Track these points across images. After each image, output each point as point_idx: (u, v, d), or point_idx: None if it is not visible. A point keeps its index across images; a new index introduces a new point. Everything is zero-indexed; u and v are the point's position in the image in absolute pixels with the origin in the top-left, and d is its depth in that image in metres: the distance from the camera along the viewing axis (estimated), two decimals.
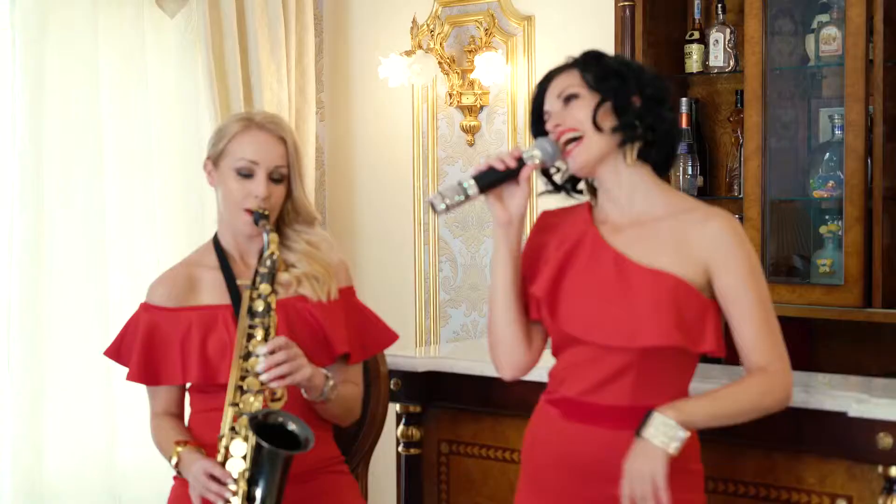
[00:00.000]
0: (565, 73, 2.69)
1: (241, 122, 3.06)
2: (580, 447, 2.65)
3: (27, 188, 4.44)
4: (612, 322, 2.59)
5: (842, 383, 3.17)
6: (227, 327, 2.98)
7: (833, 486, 2.93)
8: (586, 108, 2.63)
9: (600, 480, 2.63)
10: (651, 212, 2.67)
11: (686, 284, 2.58)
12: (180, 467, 2.91)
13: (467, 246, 5.33)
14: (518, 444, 3.44)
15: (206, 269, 3.08)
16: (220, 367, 2.96)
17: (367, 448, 3.38)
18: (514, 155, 2.64)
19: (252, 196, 2.97)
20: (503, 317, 2.71)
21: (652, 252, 2.62)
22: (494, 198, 2.65)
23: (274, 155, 3.01)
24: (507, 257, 2.68)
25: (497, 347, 2.75)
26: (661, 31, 4.51)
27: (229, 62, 5.08)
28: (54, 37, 4.56)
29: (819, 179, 4.18)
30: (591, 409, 2.64)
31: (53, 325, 4.54)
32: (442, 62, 5.22)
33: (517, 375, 2.78)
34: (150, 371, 3.02)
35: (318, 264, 3.07)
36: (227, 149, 3.02)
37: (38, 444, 4.48)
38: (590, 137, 2.62)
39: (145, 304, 3.07)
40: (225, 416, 2.83)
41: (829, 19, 4.16)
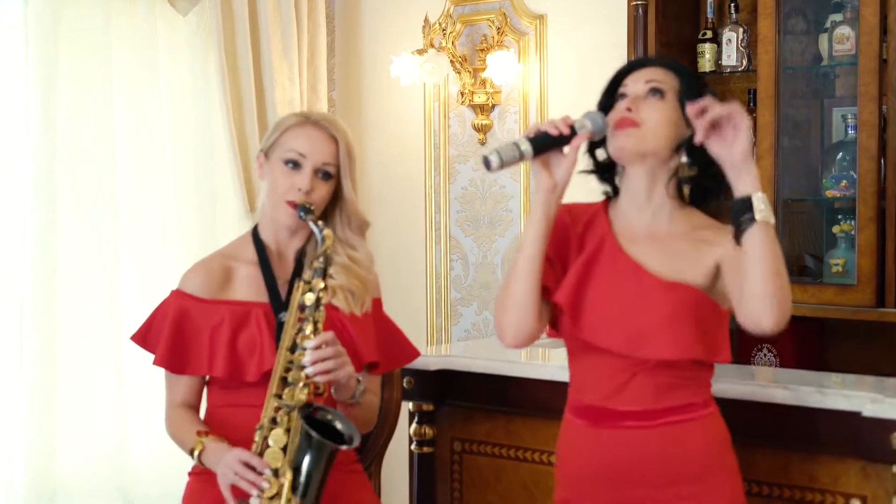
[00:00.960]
0: (663, 69, 2.68)
1: (297, 116, 3.07)
2: (610, 452, 2.64)
3: (40, 186, 4.44)
4: (630, 333, 2.59)
5: (855, 383, 3.16)
6: (258, 325, 2.95)
7: (847, 486, 2.93)
8: (666, 111, 2.62)
9: (633, 482, 2.62)
10: (669, 229, 2.67)
11: (703, 296, 2.58)
12: (204, 457, 2.87)
13: (479, 245, 5.33)
14: (531, 443, 3.46)
15: (243, 264, 3.05)
16: (248, 364, 2.93)
17: (381, 446, 3.37)
18: (567, 122, 2.61)
19: (295, 189, 2.95)
20: (524, 281, 2.65)
21: (670, 265, 2.61)
22: (541, 164, 2.62)
23: (324, 151, 3.00)
24: (541, 221, 2.63)
25: (509, 310, 2.67)
26: (674, 30, 4.50)
27: (241, 61, 5.09)
28: (67, 35, 4.56)
29: (832, 179, 4.17)
30: (614, 413, 2.63)
31: (66, 323, 4.54)
32: (454, 61, 5.22)
33: (519, 343, 2.69)
34: (177, 358, 2.97)
35: (356, 279, 3.05)
36: (280, 140, 3.02)
37: (51, 441, 4.48)
38: (648, 131, 2.61)
39: (178, 291, 3.03)
40: (267, 405, 2.80)
41: (842, 19, 4.15)
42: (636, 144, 2.62)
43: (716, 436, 2.66)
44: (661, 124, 2.61)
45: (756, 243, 2.41)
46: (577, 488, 2.72)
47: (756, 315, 2.43)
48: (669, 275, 2.60)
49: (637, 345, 2.58)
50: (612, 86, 2.73)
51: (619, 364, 2.62)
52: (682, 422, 2.62)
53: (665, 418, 2.61)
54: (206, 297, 2.99)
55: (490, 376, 3.50)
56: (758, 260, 2.41)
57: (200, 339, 2.97)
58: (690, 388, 2.63)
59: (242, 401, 2.94)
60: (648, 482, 2.61)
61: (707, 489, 2.61)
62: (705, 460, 2.61)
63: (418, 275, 5.51)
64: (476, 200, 5.32)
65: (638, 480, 2.62)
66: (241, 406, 2.93)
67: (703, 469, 2.62)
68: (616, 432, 2.63)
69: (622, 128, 2.61)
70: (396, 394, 3.39)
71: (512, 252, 5.20)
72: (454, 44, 5.25)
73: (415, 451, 3.67)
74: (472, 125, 5.28)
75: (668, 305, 2.56)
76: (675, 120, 2.62)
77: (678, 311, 2.56)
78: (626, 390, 2.62)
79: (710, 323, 2.59)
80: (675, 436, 2.61)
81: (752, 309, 2.43)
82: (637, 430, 2.62)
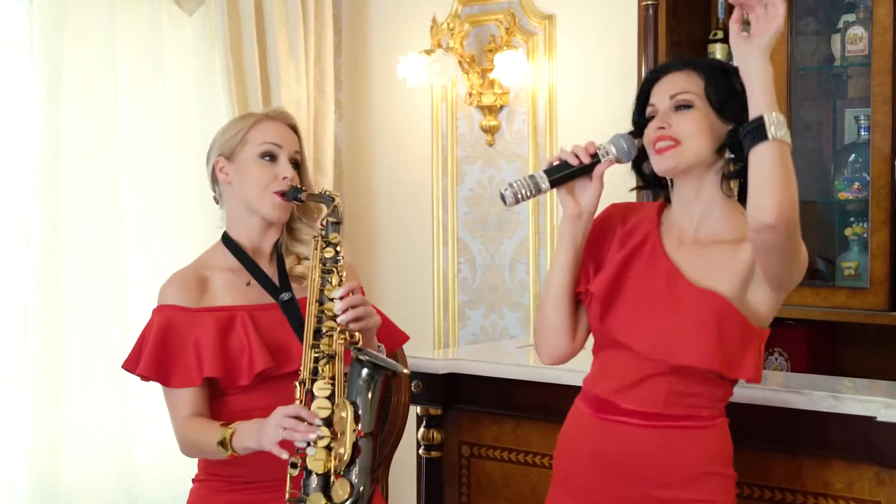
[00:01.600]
0: (685, 72, 2.62)
1: (253, 116, 3.09)
2: (610, 444, 2.63)
3: (44, 186, 4.43)
4: (656, 334, 2.57)
5: (869, 388, 3.13)
6: (245, 329, 2.94)
7: (861, 492, 2.91)
8: (698, 121, 2.57)
9: (630, 479, 2.61)
10: (717, 234, 2.63)
11: (733, 309, 2.54)
12: (236, 440, 2.78)
13: (486, 247, 5.30)
14: (539, 448, 3.44)
15: (216, 271, 3.04)
16: (240, 367, 2.91)
17: (388, 450, 3.35)
18: (590, 150, 2.59)
19: (279, 179, 2.97)
20: (555, 304, 2.70)
21: (706, 272, 2.58)
22: (566, 191, 2.62)
23: (292, 141, 3.04)
24: (570, 248, 2.66)
25: (543, 332, 2.75)
26: (685, 30, 4.46)
27: (247, 60, 5.07)
28: (72, 34, 4.55)
29: (844, 181, 4.14)
30: (620, 408, 2.62)
31: (70, 326, 4.52)
32: (462, 61, 5.19)
33: (555, 362, 2.77)
34: (163, 367, 2.94)
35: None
36: (247, 138, 3.02)
37: (55, 445, 4.47)
38: (688, 147, 2.57)
39: (159, 307, 3.01)
40: (305, 358, 2.77)
41: (855, 19, 4.11)
42: (678, 163, 2.59)
43: (716, 445, 2.63)
44: (696, 135, 2.57)
45: (765, 158, 2.36)
46: (571, 479, 2.71)
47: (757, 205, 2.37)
48: (703, 282, 2.57)
49: (659, 347, 2.56)
50: (640, 102, 2.69)
51: (637, 363, 2.60)
52: (686, 428, 2.59)
53: (672, 422, 2.59)
54: (188, 307, 2.97)
55: (498, 380, 3.49)
56: (764, 175, 2.36)
57: (185, 347, 2.94)
58: (702, 402, 2.60)
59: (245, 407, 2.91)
60: (641, 480, 2.59)
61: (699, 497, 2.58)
62: (701, 467, 2.58)
63: (425, 277, 5.48)
64: (484, 202, 5.29)
65: (630, 477, 2.60)
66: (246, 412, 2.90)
67: (696, 475, 2.59)
68: (617, 426, 2.62)
69: (660, 153, 2.59)
70: (404, 397, 3.36)
71: (520, 254, 5.18)
72: (462, 44, 5.22)
73: (423, 455, 3.66)
74: (480, 126, 5.25)
75: (695, 313, 2.54)
76: (710, 123, 2.58)
77: (704, 319, 2.53)
78: (638, 390, 2.60)
79: (736, 337, 2.55)
80: (675, 439, 2.59)
81: (754, 201, 2.38)
82: (639, 427, 2.60)
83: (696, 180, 2.61)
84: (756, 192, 2.37)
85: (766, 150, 2.35)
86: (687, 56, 2.79)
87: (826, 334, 4.29)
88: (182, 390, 2.94)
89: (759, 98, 2.39)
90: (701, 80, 2.60)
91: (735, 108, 2.55)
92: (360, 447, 2.68)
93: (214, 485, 2.96)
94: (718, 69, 2.62)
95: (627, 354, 2.61)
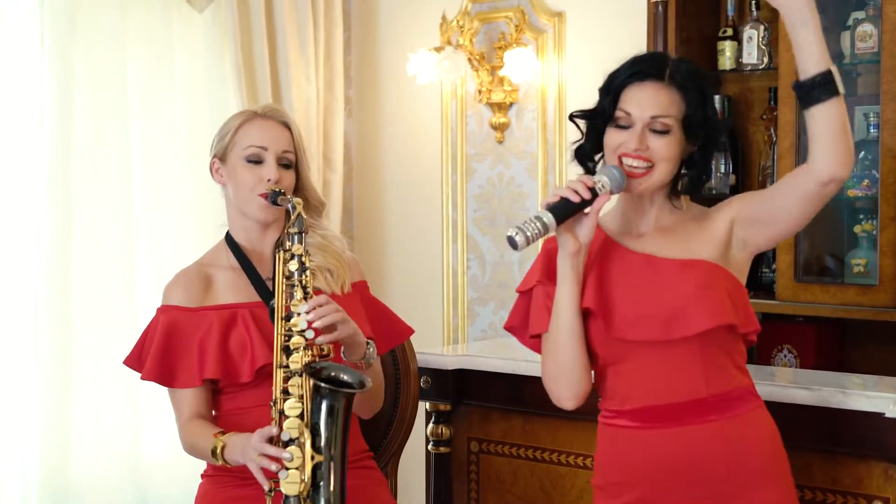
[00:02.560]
0: (665, 89, 2.61)
1: (243, 115, 3.08)
2: (666, 451, 2.60)
3: (55, 185, 4.44)
4: (666, 317, 2.57)
5: (878, 384, 3.12)
6: (246, 326, 2.95)
7: (869, 488, 2.91)
8: (673, 147, 2.59)
9: (690, 480, 2.60)
10: (672, 219, 2.68)
11: (722, 269, 2.58)
12: (228, 453, 2.82)
13: (496, 243, 5.30)
14: (548, 443, 3.44)
15: (220, 269, 3.06)
16: (241, 365, 2.92)
17: (397, 446, 3.35)
18: (587, 185, 2.58)
19: (264, 181, 2.96)
20: (571, 343, 2.64)
21: (679, 247, 2.61)
22: (565, 229, 2.60)
23: (281, 140, 3.02)
24: (573, 284, 2.63)
25: (561, 378, 2.68)
26: (694, 27, 4.47)
27: (258, 58, 5.08)
28: (83, 32, 4.55)
29: (854, 178, 4.13)
30: (672, 409, 2.60)
31: (80, 324, 4.53)
32: (471, 59, 5.19)
33: (580, 404, 2.71)
34: (167, 370, 2.96)
35: (332, 256, 3.07)
36: (234, 140, 3.02)
37: (65, 442, 4.48)
38: (660, 171, 2.60)
39: (163, 307, 3.03)
40: (275, 378, 2.77)
41: (864, 16, 4.11)
42: (647, 187, 2.63)
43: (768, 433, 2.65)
44: (669, 161, 2.61)
45: (836, 112, 2.42)
46: (622, 497, 2.68)
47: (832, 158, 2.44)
48: (682, 255, 2.61)
49: (672, 326, 2.56)
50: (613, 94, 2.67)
51: (661, 359, 2.59)
52: (744, 413, 2.60)
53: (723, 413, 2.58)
54: (191, 306, 2.99)
55: (507, 376, 3.49)
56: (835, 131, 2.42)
57: (189, 347, 2.96)
58: (734, 368, 2.62)
59: (248, 403, 2.94)
60: (700, 481, 2.59)
61: (768, 483, 2.60)
62: (767, 457, 2.61)
63: (435, 274, 5.48)
64: (493, 199, 5.29)
65: (691, 479, 2.59)
66: (248, 408, 2.92)
67: (765, 464, 2.60)
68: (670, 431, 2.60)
69: (633, 176, 2.60)
70: (413, 393, 3.37)
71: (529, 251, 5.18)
72: (472, 41, 5.22)
73: (431, 451, 3.66)
74: (490, 123, 5.25)
75: (691, 280, 2.56)
76: (681, 148, 2.62)
77: (702, 282, 2.55)
78: (678, 383, 2.59)
79: (734, 292, 2.59)
80: (734, 432, 2.59)
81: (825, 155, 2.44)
82: (694, 426, 2.59)
83: (651, 195, 2.67)
84: (830, 147, 2.43)
85: (836, 104, 2.41)
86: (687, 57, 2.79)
87: (835, 331, 4.29)
88: (184, 391, 2.98)
89: (818, 50, 2.43)
90: (681, 101, 2.61)
91: (702, 134, 2.62)
92: (321, 473, 2.68)
93: (222, 479, 2.97)
94: (699, 91, 2.62)
95: (648, 356, 2.60)
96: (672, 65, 2.64)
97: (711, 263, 2.58)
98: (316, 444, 2.69)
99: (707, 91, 2.64)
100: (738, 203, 2.64)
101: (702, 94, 2.62)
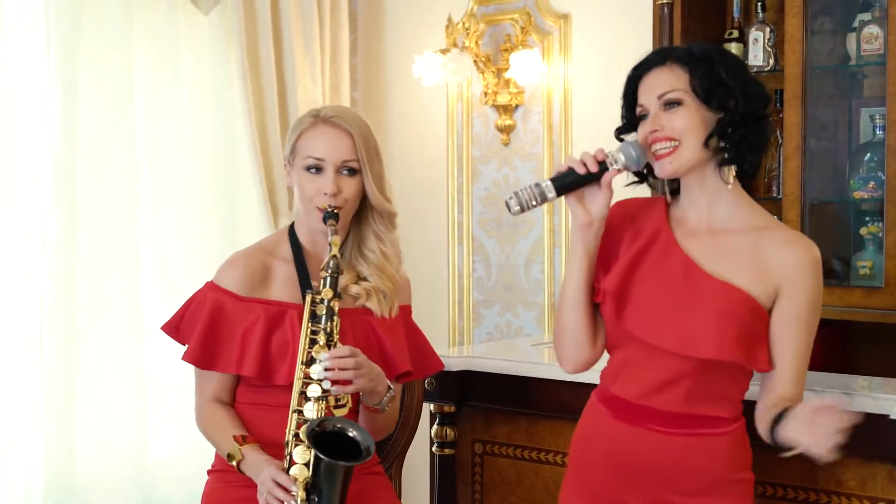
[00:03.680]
0: (668, 68, 2.61)
1: (308, 118, 3.03)
2: (629, 448, 2.62)
3: (60, 183, 4.43)
4: (675, 328, 2.56)
5: (883, 386, 3.12)
6: (292, 327, 2.94)
7: (874, 490, 2.90)
8: (689, 117, 2.57)
9: (647, 484, 2.61)
10: (730, 224, 2.63)
11: (754, 302, 2.55)
12: (243, 466, 2.86)
13: (501, 246, 5.30)
14: (552, 445, 3.43)
15: (281, 262, 3.03)
16: (279, 367, 2.92)
17: (401, 448, 3.35)
18: (598, 158, 2.57)
19: (321, 193, 2.93)
20: (573, 314, 2.68)
21: (724, 263, 2.58)
22: (575, 199, 2.60)
23: (341, 149, 2.96)
24: (583, 257, 2.64)
25: (563, 342, 2.73)
26: (700, 29, 4.46)
27: (263, 60, 5.07)
28: (88, 32, 4.55)
29: (859, 180, 4.13)
30: (643, 411, 2.61)
31: (85, 320, 4.52)
32: (477, 61, 5.19)
33: (578, 370, 2.75)
34: (207, 355, 2.95)
35: (388, 279, 3.05)
36: (297, 147, 3.00)
37: (70, 441, 4.47)
38: (686, 147, 2.57)
39: (214, 285, 3.00)
40: (290, 422, 2.79)
41: (870, 18, 4.11)
42: (678, 167, 2.59)
43: (735, 451, 2.64)
44: (690, 131, 2.57)
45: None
46: (586, 477, 2.71)
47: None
48: (722, 273, 2.57)
49: (679, 341, 2.55)
50: (628, 99, 2.69)
51: (657, 361, 2.60)
52: (706, 435, 2.60)
53: (693, 429, 2.58)
54: (243, 295, 2.97)
55: (512, 377, 3.49)
56: None
57: (233, 338, 2.94)
58: (723, 398, 2.61)
59: (271, 401, 2.94)
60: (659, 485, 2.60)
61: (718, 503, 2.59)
62: (720, 474, 2.59)
63: (440, 276, 5.48)
64: (499, 201, 5.29)
65: (651, 482, 2.60)
66: (269, 406, 2.93)
67: (716, 482, 2.59)
68: (638, 430, 2.61)
69: (660, 158, 2.59)
70: (417, 395, 3.37)
71: (535, 253, 5.18)
72: (477, 43, 5.22)
73: (436, 452, 3.66)
74: (496, 125, 5.25)
75: (715, 304, 2.54)
76: (701, 117, 2.58)
77: (724, 311, 2.53)
78: (658, 390, 2.60)
79: (754, 328, 2.56)
80: (696, 447, 2.59)
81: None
82: (660, 434, 2.60)
83: (699, 174, 2.61)
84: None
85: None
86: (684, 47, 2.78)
87: (841, 334, 4.27)
88: (211, 373, 2.98)
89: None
90: (685, 73, 2.59)
91: (721, 97, 2.57)
92: None
93: (229, 478, 2.97)
94: (700, 58, 2.60)
95: (645, 353, 2.61)
96: (677, 49, 2.65)
97: (747, 296, 2.55)
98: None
99: (714, 58, 2.59)
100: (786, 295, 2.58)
101: (708, 61, 2.59)
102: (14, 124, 4.41)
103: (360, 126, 3.01)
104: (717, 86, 2.57)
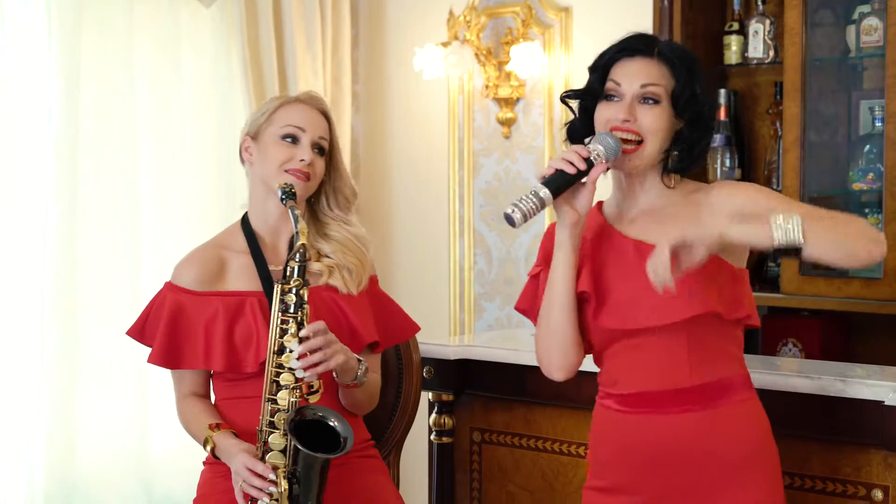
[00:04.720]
0: (655, 61, 2.62)
1: (282, 97, 3.09)
2: (645, 437, 2.61)
3: (62, 178, 4.44)
4: (648, 306, 2.56)
5: (879, 373, 3.12)
6: (254, 315, 2.95)
7: (869, 476, 2.90)
8: (661, 118, 2.59)
9: (667, 469, 2.60)
10: (663, 200, 2.67)
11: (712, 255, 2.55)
12: (217, 452, 2.89)
13: (502, 239, 5.30)
14: (550, 433, 3.44)
15: (235, 253, 3.05)
16: (246, 356, 2.94)
17: (399, 436, 3.36)
18: (582, 155, 2.57)
19: (297, 159, 2.97)
20: (562, 313, 2.66)
21: (668, 230, 2.56)
22: (563, 200, 2.59)
23: (319, 126, 3.03)
24: (571, 255, 2.63)
25: (552, 349, 2.70)
26: (700, 21, 4.47)
27: (265, 53, 5.09)
28: (90, 27, 4.56)
29: (859, 172, 4.13)
30: (654, 397, 2.60)
31: (86, 315, 4.54)
32: (478, 54, 5.20)
33: (569, 376, 2.73)
34: (172, 354, 2.98)
35: (354, 256, 3.06)
36: (272, 118, 3.03)
37: (71, 435, 4.49)
38: (651, 146, 2.60)
39: (171, 285, 3.04)
40: (263, 409, 2.81)
41: (870, 10, 4.11)
42: (639, 164, 2.62)
43: (757, 422, 2.64)
44: (658, 133, 2.60)
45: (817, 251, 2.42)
46: (607, 475, 2.70)
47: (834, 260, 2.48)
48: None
49: (663, 312, 2.55)
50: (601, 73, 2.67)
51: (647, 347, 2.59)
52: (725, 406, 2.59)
53: (708, 402, 2.58)
54: (200, 290, 2.99)
55: (509, 366, 3.49)
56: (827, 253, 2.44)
57: (195, 334, 2.97)
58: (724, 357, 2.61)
59: (246, 392, 2.96)
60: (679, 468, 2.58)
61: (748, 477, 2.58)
62: (746, 452, 2.59)
63: (441, 269, 5.49)
64: (500, 194, 5.30)
65: (670, 465, 2.59)
66: (245, 398, 2.95)
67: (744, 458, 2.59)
68: (651, 418, 2.60)
69: (626, 153, 2.59)
70: (416, 383, 3.37)
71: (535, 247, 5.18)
72: (479, 36, 5.23)
73: (434, 441, 3.66)
74: (497, 118, 5.26)
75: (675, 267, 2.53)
76: (669, 122, 2.62)
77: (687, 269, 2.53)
78: (663, 372, 2.59)
79: (722, 278, 2.56)
80: (718, 419, 2.59)
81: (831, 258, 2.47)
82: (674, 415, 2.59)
83: (643, 173, 2.65)
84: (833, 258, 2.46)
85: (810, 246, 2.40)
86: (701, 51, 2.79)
87: (840, 325, 4.28)
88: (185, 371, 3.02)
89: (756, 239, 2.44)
90: (669, 74, 2.61)
91: (691, 109, 2.61)
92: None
93: (223, 469, 2.97)
94: (684, 66, 2.62)
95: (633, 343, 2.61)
96: (660, 43, 2.65)
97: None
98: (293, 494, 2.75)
99: (695, 69, 2.63)
100: (744, 199, 2.59)
101: (690, 71, 2.62)
102: (16, 118, 4.42)
103: (331, 113, 3.11)
104: (691, 98, 2.60)
